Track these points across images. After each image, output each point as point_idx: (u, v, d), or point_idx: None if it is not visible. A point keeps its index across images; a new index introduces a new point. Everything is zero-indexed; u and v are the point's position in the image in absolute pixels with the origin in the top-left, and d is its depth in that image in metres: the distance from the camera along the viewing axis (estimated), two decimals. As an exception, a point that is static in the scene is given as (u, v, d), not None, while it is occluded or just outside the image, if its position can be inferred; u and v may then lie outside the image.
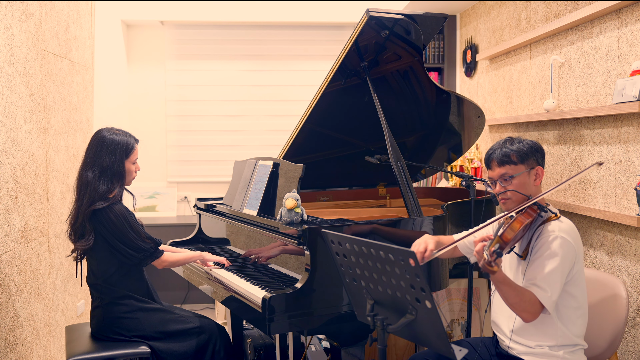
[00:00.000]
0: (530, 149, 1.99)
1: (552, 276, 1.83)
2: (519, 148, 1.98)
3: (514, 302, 1.81)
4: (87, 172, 2.39)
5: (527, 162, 1.98)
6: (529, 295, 1.82)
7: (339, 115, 3.05)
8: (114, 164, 2.40)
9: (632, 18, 2.45)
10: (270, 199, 2.65)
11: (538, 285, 1.83)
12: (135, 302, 2.45)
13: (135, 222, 2.42)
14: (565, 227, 1.91)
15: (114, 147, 2.42)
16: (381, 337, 1.76)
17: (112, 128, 2.50)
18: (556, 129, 3.04)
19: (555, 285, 1.83)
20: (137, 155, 2.51)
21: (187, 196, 4.94)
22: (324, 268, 2.22)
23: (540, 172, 2.00)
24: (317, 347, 3.16)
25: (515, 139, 2.04)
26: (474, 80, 4.25)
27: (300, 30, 4.96)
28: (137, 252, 2.39)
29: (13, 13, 2.67)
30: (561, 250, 1.85)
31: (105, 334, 2.43)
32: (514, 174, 1.97)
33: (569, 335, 1.91)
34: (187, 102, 4.94)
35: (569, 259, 1.87)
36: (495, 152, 2.02)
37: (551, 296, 1.82)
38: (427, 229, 2.45)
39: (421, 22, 2.69)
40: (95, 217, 2.35)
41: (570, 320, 1.92)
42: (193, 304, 4.68)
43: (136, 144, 2.51)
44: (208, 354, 2.47)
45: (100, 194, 2.36)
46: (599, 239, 2.69)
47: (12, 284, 2.65)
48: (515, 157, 1.98)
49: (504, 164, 1.99)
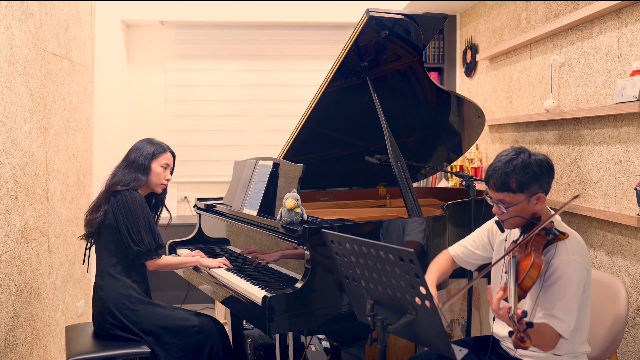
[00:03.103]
0: (534, 175, 1.82)
1: (569, 304, 1.75)
2: (521, 177, 1.81)
3: (538, 344, 1.74)
4: (118, 166, 2.61)
5: (528, 191, 1.83)
6: (549, 331, 1.74)
7: (339, 115, 3.05)
8: (139, 158, 2.58)
9: (632, 18, 2.45)
10: (270, 199, 2.65)
11: (556, 317, 1.75)
12: (136, 294, 2.49)
13: (150, 216, 2.54)
14: (575, 247, 1.82)
15: (142, 148, 2.62)
16: (381, 337, 1.77)
17: (151, 138, 2.69)
18: (556, 129, 3.04)
19: (573, 313, 1.76)
20: (167, 160, 2.64)
21: (187, 196, 4.95)
22: (324, 268, 2.22)
23: (542, 199, 1.85)
24: (317, 347, 3.16)
25: (522, 156, 1.84)
26: (474, 80, 4.25)
27: (300, 30, 4.96)
28: (135, 244, 2.45)
29: (13, 13, 2.67)
30: (575, 275, 1.77)
31: (105, 323, 2.45)
32: (512, 203, 1.84)
33: (574, 346, 1.89)
34: (187, 102, 4.94)
35: (583, 282, 1.81)
36: (495, 174, 1.85)
37: (569, 325, 1.75)
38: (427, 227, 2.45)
39: (421, 22, 2.69)
40: (115, 198, 2.49)
41: (578, 331, 1.87)
42: (193, 304, 4.68)
43: (168, 152, 2.66)
44: (205, 353, 2.48)
45: (121, 180, 2.52)
46: (599, 239, 2.69)
47: (12, 284, 2.65)
48: (515, 185, 1.82)
49: (502, 190, 1.84)
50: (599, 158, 2.67)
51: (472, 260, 2.19)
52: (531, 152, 1.88)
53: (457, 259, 2.21)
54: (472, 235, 2.21)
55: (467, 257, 2.19)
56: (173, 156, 2.69)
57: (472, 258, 2.18)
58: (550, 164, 1.88)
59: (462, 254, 2.20)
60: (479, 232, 2.19)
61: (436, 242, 2.51)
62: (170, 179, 2.69)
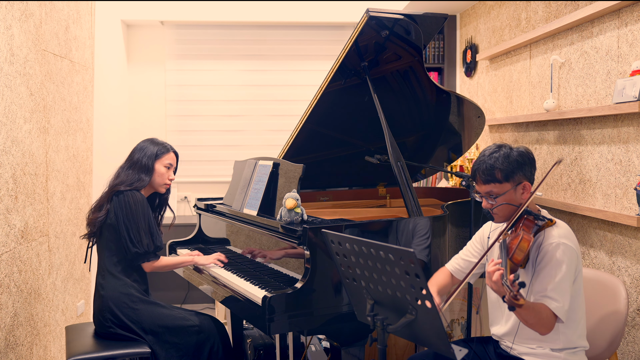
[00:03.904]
0: (517, 164, 1.92)
1: (562, 285, 1.82)
2: (505, 166, 1.91)
3: (533, 323, 1.79)
4: (121, 167, 2.62)
5: (513, 179, 1.92)
6: (545, 310, 1.80)
7: (339, 115, 3.05)
8: (143, 158, 2.59)
9: (632, 18, 2.45)
10: (270, 199, 2.65)
11: (550, 297, 1.81)
12: (137, 293, 2.50)
13: (150, 217, 2.54)
14: (563, 232, 1.89)
15: (146, 148, 2.63)
16: (381, 337, 1.77)
17: (153, 138, 2.69)
18: (556, 129, 3.04)
19: (566, 294, 1.82)
20: (170, 160, 2.65)
21: (187, 196, 4.95)
22: (324, 268, 2.22)
23: (528, 187, 1.94)
24: (317, 347, 3.16)
25: (503, 149, 1.95)
26: (474, 80, 4.25)
27: (300, 30, 4.96)
28: (133, 245, 2.46)
29: (13, 13, 2.67)
30: (565, 257, 1.84)
31: (105, 322, 2.46)
32: (499, 193, 1.93)
33: (571, 337, 1.90)
34: (187, 102, 4.94)
35: (574, 264, 1.86)
36: (480, 167, 1.95)
37: (563, 306, 1.81)
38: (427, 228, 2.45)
39: (421, 22, 2.69)
40: (117, 198, 2.49)
41: (573, 321, 1.90)
42: (193, 304, 4.68)
43: (172, 152, 2.67)
44: (205, 353, 2.48)
45: (125, 181, 2.53)
46: (599, 239, 2.69)
47: (12, 284, 2.65)
48: (500, 175, 1.91)
49: (489, 182, 1.93)
50: (599, 158, 2.67)
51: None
52: (511, 146, 1.98)
53: (455, 273, 2.22)
54: (466, 247, 2.24)
55: (465, 268, 2.19)
56: (176, 156, 2.69)
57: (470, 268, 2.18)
58: (531, 154, 1.99)
59: (459, 266, 2.21)
60: (472, 242, 2.22)
61: (436, 242, 2.51)
62: (174, 179, 2.69)
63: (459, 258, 2.23)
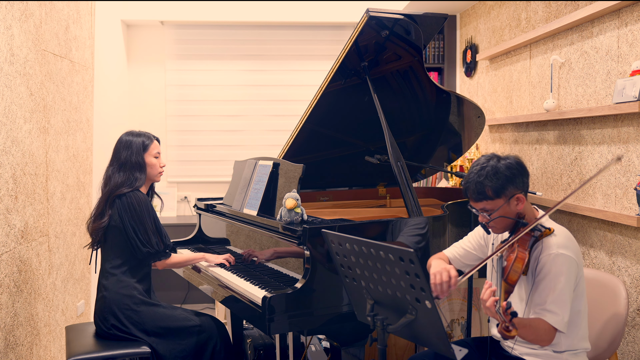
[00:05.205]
0: (506, 179, 1.86)
1: (561, 297, 1.80)
2: (494, 182, 1.85)
3: (532, 339, 1.79)
4: (109, 169, 2.58)
5: (504, 194, 1.87)
6: (543, 325, 1.79)
7: (339, 115, 3.05)
8: (131, 156, 2.55)
9: (632, 18, 2.45)
10: (270, 199, 2.65)
11: (549, 310, 1.80)
12: (140, 295, 2.49)
13: (156, 216, 2.53)
14: (562, 241, 1.86)
15: (130, 144, 2.57)
16: (381, 337, 1.77)
17: (131, 130, 2.65)
18: (556, 129, 3.04)
19: (566, 306, 1.80)
20: (157, 149, 2.64)
21: (187, 196, 4.94)
22: (324, 268, 2.22)
23: (522, 199, 1.90)
24: (317, 347, 3.16)
25: (491, 162, 1.89)
26: (474, 80, 4.25)
27: (300, 30, 4.96)
28: (144, 245, 2.46)
29: (13, 13, 2.67)
30: (564, 267, 1.81)
31: (106, 323, 2.45)
32: (493, 209, 1.88)
33: (573, 340, 1.90)
34: (187, 102, 4.94)
35: (574, 275, 1.84)
36: (470, 186, 1.90)
37: (563, 318, 1.79)
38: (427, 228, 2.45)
39: (421, 22, 2.69)
40: (120, 201, 2.47)
41: (575, 326, 1.89)
42: (193, 304, 4.68)
43: (155, 140, 2.64)
44: (207, 353, 2.48)
45: (120, 183, 2.50)
46: (599, 239, 2.69)
47: (12, 284, 2.65)
48: (491, 192, 1.86)
49: (481, 200, 1.89)
50: (599, 158, 2.67)
51: (468, 261, 2.18)
52: (500, 157, 1.91)
53: (453, 261, 2.21)
54: (467, 237, 2.23)
55: (463, 257, 2.19)
56: (158, 142, 2.68)
57: (469, 259, 2.18)
58: (521, 164, 1.92)
59: (458, 254, 2.20)
60: (474, 234, 2.20)
61: (436, 242, 2.51)
62: (165, 165, 2.69)
63: (459, 247, 2.21)
